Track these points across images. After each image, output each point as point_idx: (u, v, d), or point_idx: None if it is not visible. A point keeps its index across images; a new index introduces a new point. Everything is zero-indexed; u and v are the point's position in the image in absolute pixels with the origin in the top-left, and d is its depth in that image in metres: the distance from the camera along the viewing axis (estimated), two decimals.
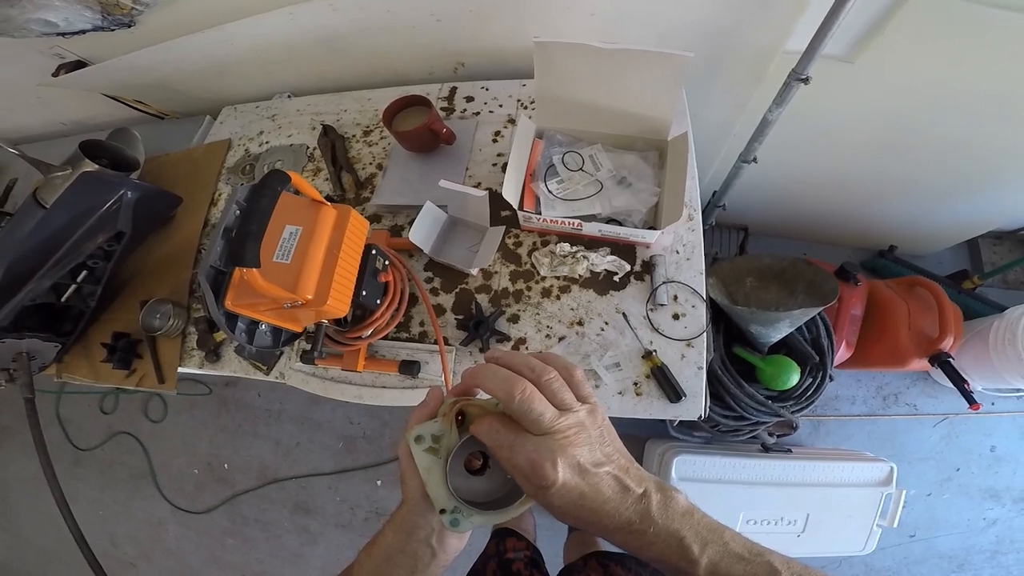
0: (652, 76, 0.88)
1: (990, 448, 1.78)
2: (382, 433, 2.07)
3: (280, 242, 0.74)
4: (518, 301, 1.01)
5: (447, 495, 0.42)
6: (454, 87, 1.28)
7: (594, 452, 0.40)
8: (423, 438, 0.44)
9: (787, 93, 1.02)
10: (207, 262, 0.72)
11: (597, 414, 0.42)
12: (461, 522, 0.42)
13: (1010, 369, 1.44)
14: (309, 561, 2.06)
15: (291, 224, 0.75)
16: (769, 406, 1.26)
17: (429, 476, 0.43)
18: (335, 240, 0.76)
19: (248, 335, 0.79)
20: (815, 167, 1.47)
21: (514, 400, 0.39)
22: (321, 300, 0.72)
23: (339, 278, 0.75)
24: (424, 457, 0.43)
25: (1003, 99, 1.10)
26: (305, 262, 0.72)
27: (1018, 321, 1.41)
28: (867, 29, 0.99)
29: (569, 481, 0.38)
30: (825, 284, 1.24)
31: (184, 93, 1.45)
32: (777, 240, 1.92)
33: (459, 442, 0.43)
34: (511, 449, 0.39)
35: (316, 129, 1.29)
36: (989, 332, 1.49)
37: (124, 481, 2.31)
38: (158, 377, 1.13)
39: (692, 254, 1.00)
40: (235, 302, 0.71)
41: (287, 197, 0.76)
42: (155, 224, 1.25)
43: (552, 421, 0.39)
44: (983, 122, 1.18)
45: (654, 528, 0.38)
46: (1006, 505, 1.76)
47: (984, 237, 1.83)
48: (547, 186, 0.99)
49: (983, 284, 1.71)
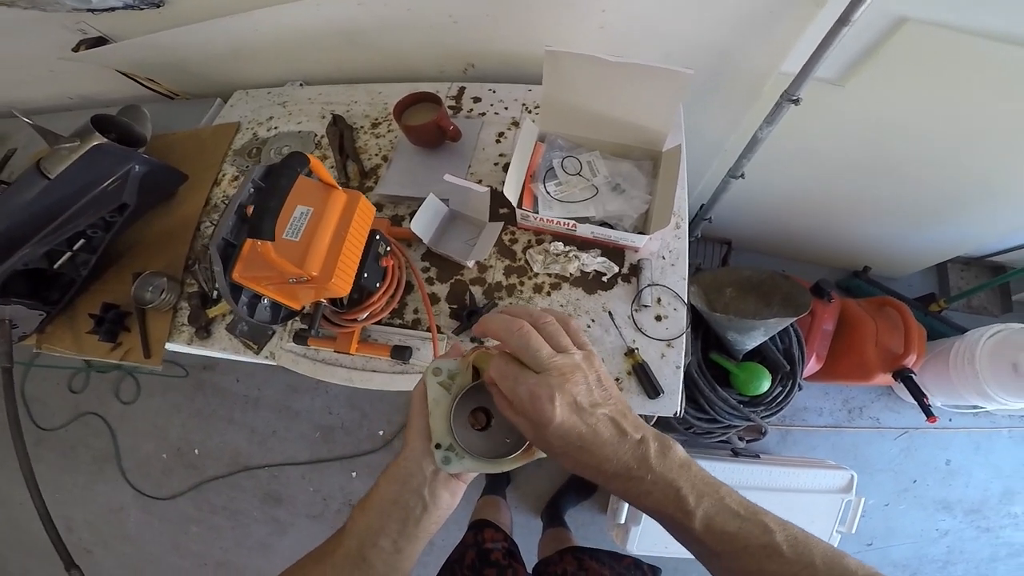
0: (653, 90, 0.95)
1: (946, 462, 1.88)
2: (361, 425, 2.09)
3: (291, 220, 0.78)
4: (510, 295, 1.06)
5: (446, 430, 0.45)
6: (463, 87, 1.33)
7: (592, 393, 0.41)
8: (440, 371, 0.47)
9: (778, 113, 1.09)
10: (219, 234, 0.76)
11: (594, 360, 0.43)
12: (452, 461, 0.45)
13: (967, 387, 1.54)
14: (276, 551, 2.06)
15: (303, 204, 0.80)
16: (741, 410, 1.33)
17: (436, 408, 0.46)
18: (343, 223, 0.81)
19: (250, 308, 0.83)
20: (798, 186, 1.55)
21: (512, 335, 0.41)
22: (326, 278, 0.77)
23: (344, 258, 0.79)
24: (436, 389, 0.46)
25: (979, 129, 1.18)
26: (313, 241, 0.77)
27: (977, 342, 1.51)
28: (859, 54, 1.06)
29: (567, 420, 0.39)
30: (800, 297, 1.32)
31: (199, 75, 1.48)
32: (758, 256, 2.01)
33: (470, 384, 0.46)
34: (514, 380, 0.41)
35: (326, 118, 1.33)
36: (950, 352, 1.59)
37: (86, 464, 2.28)
38: (144, 351, 1.14)
39: (677, 260, 1.06)
40: (243, 274, 0.76)
41: (301, 179, 0.81)
42: (158, 199, 1.27)
43: (549, 357, 0.41)
44: (958, 150, 1.26)
45: (651, 476, 0.39)
46: (957, 517, 1.86)
47: (953, 262, 1.93)
48: (546, 187, 1.05)
49: (948, 308, 1.81)
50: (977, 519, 1.86)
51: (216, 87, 1.51)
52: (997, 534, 1.85)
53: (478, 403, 0.47)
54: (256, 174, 0.80)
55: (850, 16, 0.87)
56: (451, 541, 1.14)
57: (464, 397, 0.46)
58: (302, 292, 0.83)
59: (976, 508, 1.86)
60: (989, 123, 1.15)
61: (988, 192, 1.39)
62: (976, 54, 0.98)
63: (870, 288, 1.89)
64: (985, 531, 1.85)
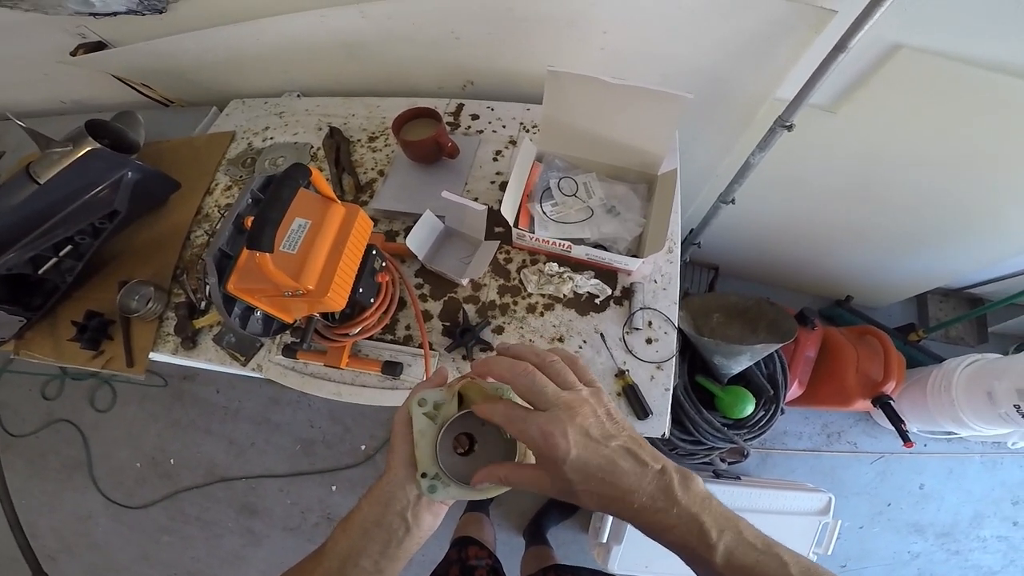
0: (652, 113, 0.96)
1: (919, 486, 1.90)
2: (343, 439, 2.05)
3: (289, 232, 0.77)
4: (504, 314, 1.05)
5: (432, 460, 0.45)
6: (461, 104, 1.33)
7: (603, 426, 0.41)
8: (426, 402, 0.47)
9: (771, 139, 1.10)
10: (216, 244, 0.74)
11: (602, 395, 0.43)
12: (438, 489, 0.45)
13: (943, 413, 1.57)
14: (250, 563, 2.01)
15: (301, 217, 0.78)
16: (725, 433, 1.34)
17: (421, 438, 0.46)
18: (341, 236, 0.79)
19: (242, 320, 0.81)
20: (786, 213, 1.57)
21: (518, 376, 0.42)
22: (322, 292, 0.75)
23: (341, 272, 0.78)
24: (422, 420, 0.46)
25: (967, 158, 1.18)
26: (311, 254, 0.76)
27: (954, 371, 1.54)
28: (852, 81, 1.07)
29: (582, 452, 0.39)
30: (785, 324, 1.34)
31: (196, 83, 1.45)
32: (744, 282, 2.03)
33: (455, 415, 0.46)
34: (524, 422, 0.41)
35: (322, 130, 1.32)
36: (928, 380, 1.62)
37: (55, 471, 2.20)
38: (127, 360, 1.11)
39: (669, 284, 1.06)
40: (237, 285, 0.74)
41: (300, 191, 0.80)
42: (149, 207, 1.25)
43: (556, 394, 0.41)
44: (945, 180, 1.27)
45: (677, 509, 0.38)
46: (929, 540, 1.88)
47: (932, 294, 1.97)
48: (542, 207, 1.05)
49: (927, 337, 1.84)
50: (947, 542, 1.88)
51: (212, 95, 1.49)
52: (966, 557, 1.87)
53: (462, 429, 0.48)
54: (255, 184, 0.78)
55: (847, 43, 0.88)
56: (432, 557, 1.12)
57: (450, 426, 0.47)
58: (296, 305, 0.81)
59: (947, 531, 1.88)
60: (978, 153, 1.17)
61: (971, 223, 1.40)
62: (969, 83, 0.98)
63: (852, 317, 1.92)
64: (955, 554, 1.87)
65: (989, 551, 1.88)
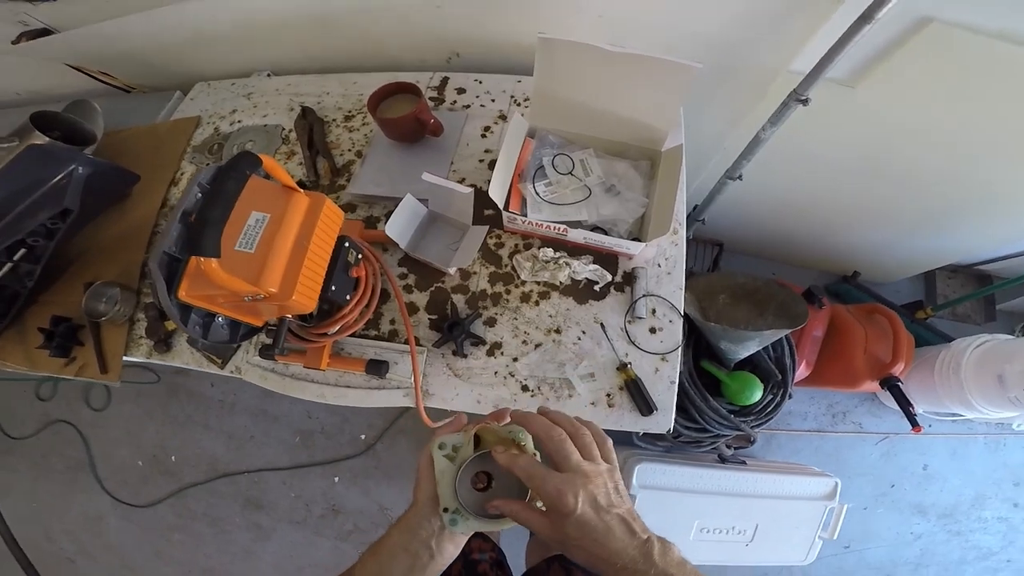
0: (656, 84, 0.84)
1: (923, 467, 1.83)
2: (341, 429, 1.95)
3: (244, 230, 0.65)
4: (496, 304, 0.94)
5: (452, 496, 0.49)
6: (446, 77, 1.20)
7: (609, 497, 0.46)
8: (445, 445, 0.51)
9: (784, 113, 1.00)
10: (160, 247, 0.63)
11: (615, 473, 0.48)
12: (459, 522, 0.48)
13: (951, 396, 1.47)
14: (261, 558, 1.93)
15: (258, 211, 0.67)
16: (731, 420, 1.24)
17: (442, 478, 0.49)
18: (305, 230, 0.68)
19: (203, 328, 0.70)
20: (795, 189, 1.45)
21: (552, 440, 0.47)
22: (286, 295, 0.64)
23: (307, 271, 0.67)
24: (442, 461, 0.50)
25: (989, 137, 1.09)
26: (271, 253, 0.64)
27: (963, 352, 1.44)
28: (874, 55, 0.96)
29: (586, 513, 0.43)
30: (795, 307, 1.22)
31: (156, 66, 1.33)
32: (748, 258, 1.92)
33: (472, 456, 0.50)
34: (543, 479, 0.45)
35: (294, 110, 1.20)
36: (936, 360, 1.52)
37: (60, 473, 2.11)
38: (100, 367, 1.02)
39: (673, 268, 0.96)
40: (190, 292, 0.63)
41: (255, 181, 0.68)
42: (108, 202, 1.13)
43: (579, 462, 0.46)
44: (963, 159, 1.17)
45: (654, 571, 0.42)
46: (931, 521, 1.81)
47: (941, 270, 1.86)
48: (535, 188, 0.93)
49: (935, 315, 1.74)
50: (949, 523, 1.82)
51: (175, 79, 1.36)
52: (967, 538, 1.82)
53: (480, 468, 0.51)
54: (203, 177, 0.66)
55: (874, 13, 0.78)
56: None
57: (468, 465, 0.50)
58: (263, 308, 0.70)
59: (949, 512, 1.82)
60: (1001, 131, 1.07)
61: (987, 202, 1.31)
62: (999, 60, 0.89)
63: (859, 294, 1.81)
64: (956, 535, 1.82)
65: (989, 532, 1.83)
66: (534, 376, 0.89)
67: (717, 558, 1.43)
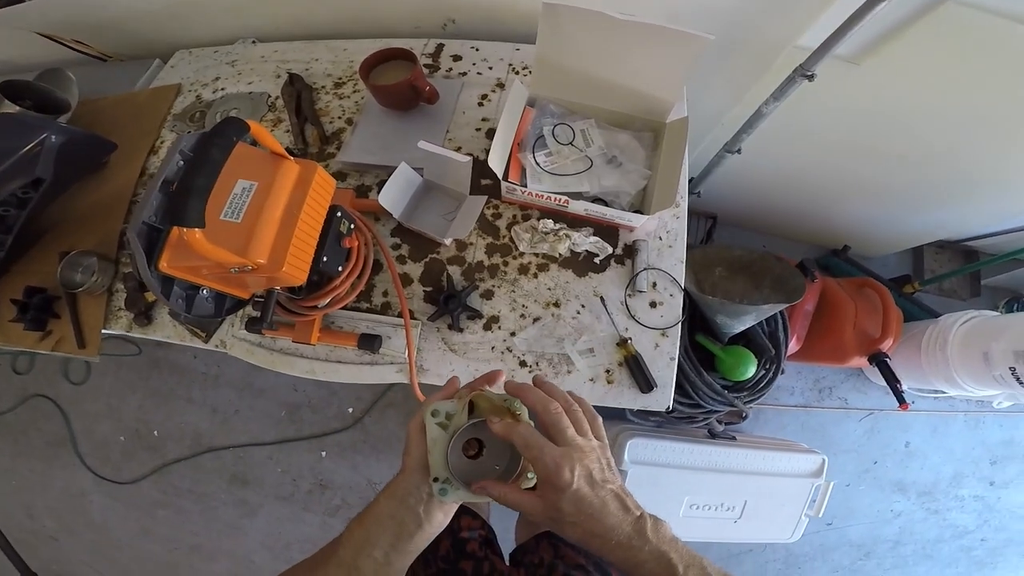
0: (664, 54, 0.80)
1: (905, 444, 1.86)
2: (329, 402, 1.91)
3: (230, 198, 0.61)
4: (493, 276, 0.91)
5: (443, 466, 0.47)
6: (441, 44, 1.15)
7: (603, 472, 0.46)
8: (438, 412, 0.49)
9: (788, 88, 0.98)
10: (139, 216, 0.58)
11: (606, 450, 0.48)
12: (448, 492, 0.47)
13: (937, 372, 1.48)
14: (248, 533, 1.91)
15: (245, 179, 0.63)
16: (725, 396, 1.23)
17: (434, 446, 0.47)
18: (296, 199, 0.64)
19: (186, 302, 0.66)
20: (792, 164, 1.43)
21: (549, 413, 0.47)
22: (276, 266, 0.60)
23: (298, 241, 0.63)
24: (435, 429, 0.48)
25: (993, 117, 1.08)
26: (259, 222, 0.60)
27: (950, 328, 1.44)
28: (884, 33, 0.94)
29: (582, 488, 0.43)
30: (792, 281, 1.21)
31: (134, 34, 1.26)
32: (740, 230, 1.90)
33: (466, 424, 0.48)
34: (540, 450, 0.44)
35: (281, 78, 1.14)
36: (922, 337, 1.52)
37: (40, 449, 2.05)
38: (78, 341, 0.97)
39: (675, 242, 0.94)
40: (172, 264, 0.58)
41: (242, 148, 0.63)
42: (83, 171, 1.08)
43: (573, 436, 0.46)
44: (964, 138, 1.16)
45: (648, 547, 0.43)
46: (911, 499, 1.85)
47: (928, 245, 1.87)
48: (535, 158, 0.89)
49: (921, 289, 1.75)
50: (928, 501, 1.86)
51: (154, 47, 1.29)
52: (944, 516, 1.87)
53: (473, 435, 0.50)
54: (185, 143, 0.61)
55: None
56: None
57: (460, 433, 0.48)
58: (251, 280, 0.66)
59: (928, 490, 1.86)
60: (1001, 113, 1.06)
61: (979, 181, 1.30)
62: (1011, 41, 0.88)
63: (848, 267, 1.81)
64: (934, 513, 1.86)
65: (966, 510, 1.87)
66: (532, 351, 0.87)
67: (706, 534, 1.44)
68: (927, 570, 1.87)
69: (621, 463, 1.33)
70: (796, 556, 1.83)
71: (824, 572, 1.85)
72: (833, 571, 1.85)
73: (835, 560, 1.84)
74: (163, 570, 1.97)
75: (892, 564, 1.86)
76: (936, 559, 1.87)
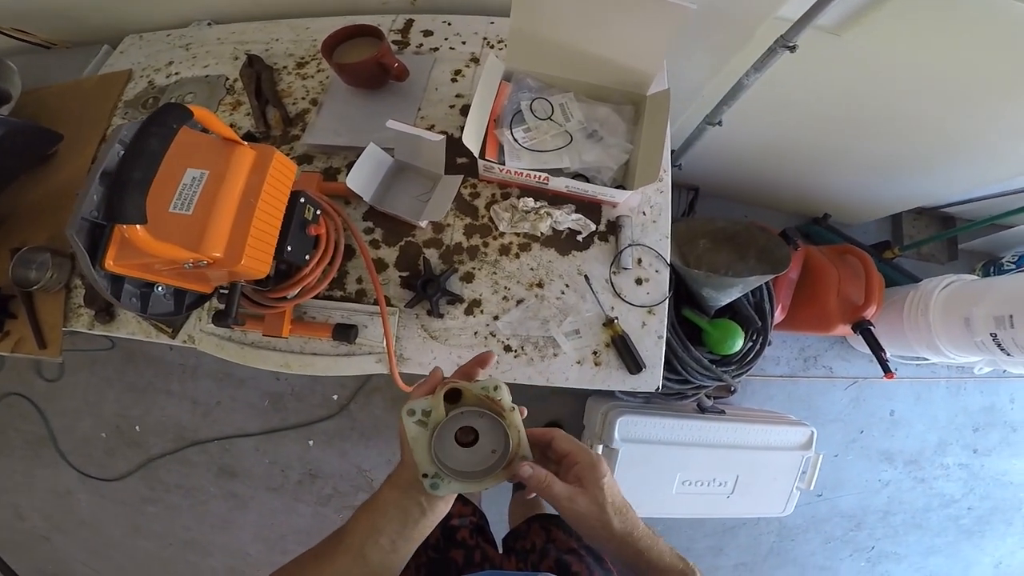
0: (644, 25, 0.77)
1: (890, 412, 1.87)
2: (312, 390, 1.86)
3: (180, 189, 0.56)
4: (473, 258, 0.87)
5: (429, 462, 0.47)
6: (411, 19, 1.09)
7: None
8: (414, 412, 0.48)
9: (769, 59, 0.95)
10: (78, 213, 0.53)
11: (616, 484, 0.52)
12: (440, 486, 0.46)
13: (919, 339, 1.48)
14: (240, 527, 1.89)
15: (195, 167, 0.57)
16: (713, 371, 1.21)
17: (416, 444, 0.47)
18: (252, 186, 0.59)
19: (141, 300, 0.61)
20: (772, 134, 1.40)
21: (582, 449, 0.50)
22: (234, 259, 0.56)
23: (257, 232, 0.58)
24: (413, 428, 0.47)
25: (970, 86, 1.06)
26: (212, 213, 0.55)
27: (931, 294, 1.43)
28: (865, 3, 0.90)
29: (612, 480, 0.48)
30: (777, 251, 1.19)
31: (76, 19, 1.18)
32: (723, 201, 1.87)
33: (446, 418, 0.47)
34: (580, 447, 0.49)
35: (239, 59, 1.07)
36: (904, 303, 1.51)
37: (20, 448, 1.99)
38: (38, 341, 0.93)
39: (659, 217, 0.91)
40: (119, 262, 0.54)
41: (190, 135, 0.58)
42: (27, 164, 1.02)
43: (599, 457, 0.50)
44: (942, 107, 1.14)
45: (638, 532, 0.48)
46: (898, 468, 1.87)
47: (907, 212, 1.87)
48: (513, 134, 0.85)
49: (901, 255, 1.75)
50: (914, 470, 1.88)
51: (101, 32, 1.22)
52: (931, 485, 1.89)
53: (458, 425, 0.48)
54: (126, 133, 0.56)
55: None
56: None
57: (445, 425, 0.47)
58: (211, 273, 0.61)
59: (914, 459, 1.88)
60: (979, 83, 1.04)
61: (956, 148, 1.29)
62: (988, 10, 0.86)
63: (830, 235, 1.80)
64: (920, 482, 1.89)
65: (952, 479, 1.90)
66: (517, 335, 0.84)
67: (699, 511, 1.43)
68: (918, 539, 1.91)
69: (612, 441, 1.32)
70: (789, 528, 1.85)
71: (817, 543, 1.88)
72: (826, 542, 1.88)
73: (827, 531, 1.87)
74: (159, 566, 1.94)
75: (883, 534, 1.90)
76: (926, 528, 1.91)
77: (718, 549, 1.81)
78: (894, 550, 1.90)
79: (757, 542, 1.85)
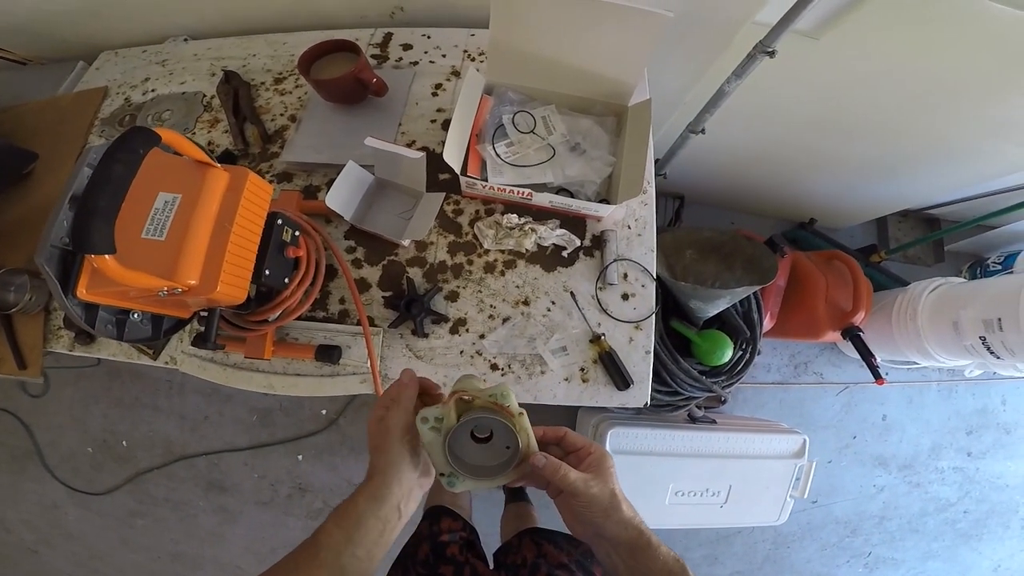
0: (624, 34, 0.76)
1: (882, 417, 1.87)
2: (301, 404, 1.85)
3: (151, 214, 0.55)
4: (457, 276, 0.87)
5: (445, 463, 0.49)
6: (389, 33, 1.08)
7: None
8: (427, 419, 0.50)
9: (750, 65, 0.95)
10: (47, 240, 0.52)
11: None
12: (456, 483, 0.49)
13: (909, 343, 1.48)
14: (231, 541, 1.87)
15: (167, 191, 0.56)
16: (703, 382, 1.21)
17: (431, 448, 0.49)
18: (227, 210, 0.58)
19: (117, 327, 0.60)
20: (756, 141, 1.40)
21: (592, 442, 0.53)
22: (209, 287, 0.55)
23: (233, 257, 0.57)
24: (428, 433, 0.50)
25: (948, 88, 1.07)
26: (186, 239, 0.54)
27: (919, 297, 1.44)
28: (843, 6, 0.90)
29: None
30: (764, 261, 1.19)
31: (49, 36, 1.18)
32: (709, 209, 1.88)
33: (458, 424, 0.49)
34: (590, 443, 0.52)
35: (216, 76, 1.06)
36: (892, 307, 1.51)
37: (6, 463, 1.97)
38: (17, 362, 0.91)
39: (644, 230, 0.90)
40: (92, 290, 0.53)
41: (161, 157, 0.57)
42: (2, 183, 1.01)
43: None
44: (919, 109, 1.15)
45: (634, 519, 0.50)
46: (892, 473, 1.87)
47: (892, 215, 1.88)
48: (495, 149, 0.84)
49: (888, 258, 1.75)
50: (909, 474, 1.88)
51: (76, 49, 1.21)
52: (926, 489, 1.89)
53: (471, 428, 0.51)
54: (94, 156, 0.55)
55: None
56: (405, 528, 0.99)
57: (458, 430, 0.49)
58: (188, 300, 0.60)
59: (908, 464, 1.88)
60: (960, 84, 1.05)
61: (939, 150, 1.30)
62: (968, 13, 0.86)
63: (815, 239, 1.80)
64: (916, 486, 1.88)
65: (947, 483, 1.90)
66: (503, 353, 0.83)
67: (693, 521, 1.43)
68: (915, 544, 1.90)
69: None
70: (784, 536, 1.85)
71: (813, 550, 1.87)
72: (822, 549, 1.87)
73: (823, 538, 1.86)
74: None
75: (880, 540, 1.89)
76: (922, 533, 1.90)
77: (713, 558, 1.80)
78: (891, 555, 1.90)
79: (753, 550, 1.84)
